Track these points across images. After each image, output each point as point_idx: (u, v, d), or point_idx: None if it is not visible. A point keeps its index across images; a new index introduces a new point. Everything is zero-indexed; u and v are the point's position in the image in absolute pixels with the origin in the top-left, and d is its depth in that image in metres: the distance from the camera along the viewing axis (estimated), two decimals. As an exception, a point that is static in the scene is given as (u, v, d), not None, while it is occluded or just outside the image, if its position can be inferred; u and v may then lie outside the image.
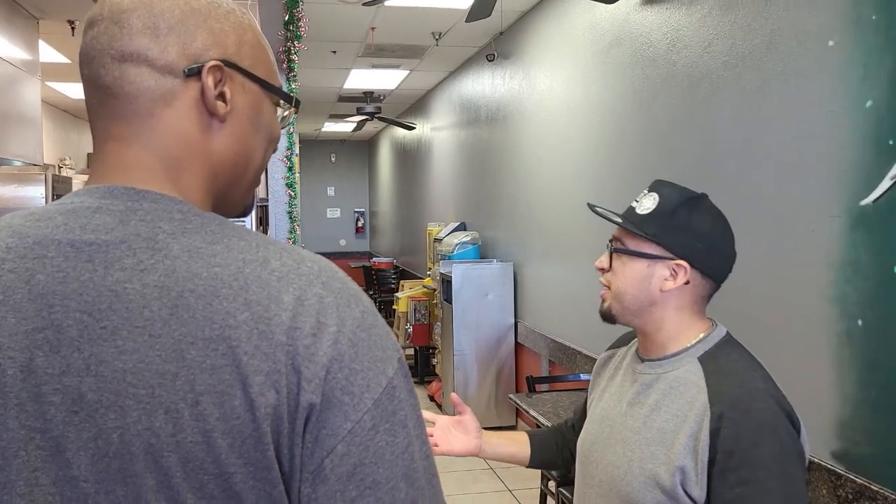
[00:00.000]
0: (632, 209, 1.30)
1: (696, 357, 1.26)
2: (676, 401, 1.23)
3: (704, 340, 1.28)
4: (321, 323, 0.64)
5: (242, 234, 0.68)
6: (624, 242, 1.29)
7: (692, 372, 1.24)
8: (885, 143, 1.97)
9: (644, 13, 3.35)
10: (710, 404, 1.17)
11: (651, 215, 1.26)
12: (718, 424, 1.15)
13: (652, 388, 1.28)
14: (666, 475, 1.18)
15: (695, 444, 1.16)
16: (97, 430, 0.61)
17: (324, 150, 13.09)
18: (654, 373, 1.29)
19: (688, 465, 1.16)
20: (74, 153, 8.68)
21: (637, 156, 3.46)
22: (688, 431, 1.18)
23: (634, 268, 1.27)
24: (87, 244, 0.65)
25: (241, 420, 0.61)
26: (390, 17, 5.02)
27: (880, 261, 2.00)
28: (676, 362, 1.28)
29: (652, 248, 1.26)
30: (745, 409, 1.15)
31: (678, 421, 1.21)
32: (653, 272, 1.26)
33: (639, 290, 1.27)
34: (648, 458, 1.22)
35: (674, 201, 1.26)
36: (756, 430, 1.13)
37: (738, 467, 1.12)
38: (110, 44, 0.70)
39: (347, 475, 0.62)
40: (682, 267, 1.25)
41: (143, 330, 0.62)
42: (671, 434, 1.20)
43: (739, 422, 1.14)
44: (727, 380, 1.20)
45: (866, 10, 2.04)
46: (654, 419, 1.24)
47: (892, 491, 1.95)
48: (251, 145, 0.76)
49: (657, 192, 1.28)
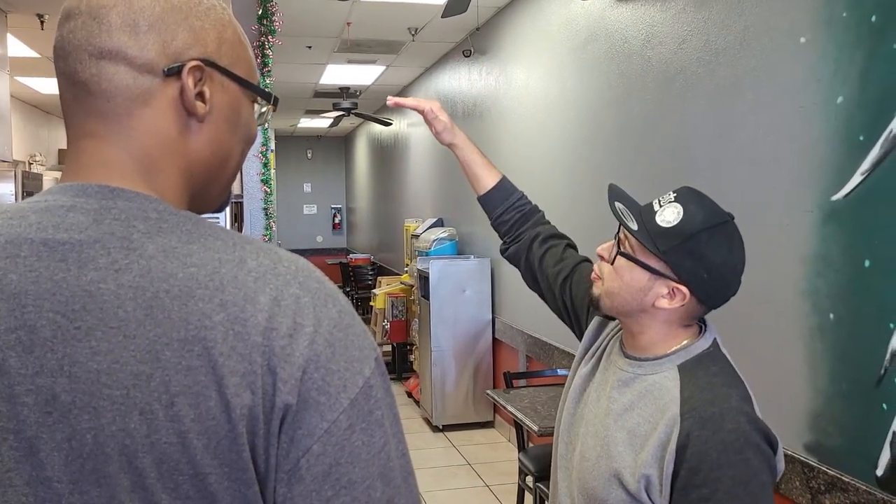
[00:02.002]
0: (651, 214, 1.24)
1: (677, 364, 1.24)
2: (649, 406, 1.22)
3: (688, 349, 1.26)
4: (298, 323, 0.63)
5: (219, 234, 0.68)
6: (633, 248, 1.24)
7: (669, 379, 1.23)
8: (856, 139, 2.00)
9: (619, 9, 3.36)
10: (680, 418, 1.16)
11: (669, 231, 1.20)
12: (686, 441, 1.14)
13: (629, 387, 1.27)
14: (630, 479, 1.18)
15: (662, 454, 1.16)
16: (71, 430, 0.60)
17: (300, 146, 13.01)
18: (633, 372, 1.28)
19: (653, 474, 1.16)
20: (45, 149, 8.55)
21: (612, 151, 3.48)
22: (656, 441, 1.17)
23: (635, 276, 1.24)
24: (60, 243, 0.64)
25: (217, 421, 0.61)
26: (366, 12, 4.99)
27: (851, 255, 2.03)
28: (657, 366, 1.26)
29: (658, 265, 1.22)
30: (714, 428, 1.14)
31: (649, 427, 1.20)
32: (651, 286, 1.23)
33: (632, 298, 1.24)
34: (615, 456, 1.21)
35: (697, 224, 1.19)
36: (722, 452, 1.12)
37: (700, 485, 1.12)
38: (88, 39, 0.68)
39: (323, 475, 0.62)
40: (682, 291, 1.22)
41: (117, 330, 0.61)
42: (641, 438, 1.20)
43: (707, 441, 1.13)
44: (701, 395, 1.18)
45: (837, 8, 2.06)
46: (626, 420, 1.23)
47: (863, 482, 1.99)
48: (228, 145, 0.75)
49: (683, 207, 1.21)
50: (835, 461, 2.10)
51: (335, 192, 13.39)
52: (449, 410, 5.45)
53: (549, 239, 1.62)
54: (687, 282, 1.21)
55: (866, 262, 1.98)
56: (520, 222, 1.66)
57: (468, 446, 5.13)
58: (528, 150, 4.57)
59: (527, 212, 1.67)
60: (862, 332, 2.00)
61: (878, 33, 1.93)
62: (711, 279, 1.21)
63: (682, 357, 1.25)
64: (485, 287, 5.38)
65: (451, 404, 5.45)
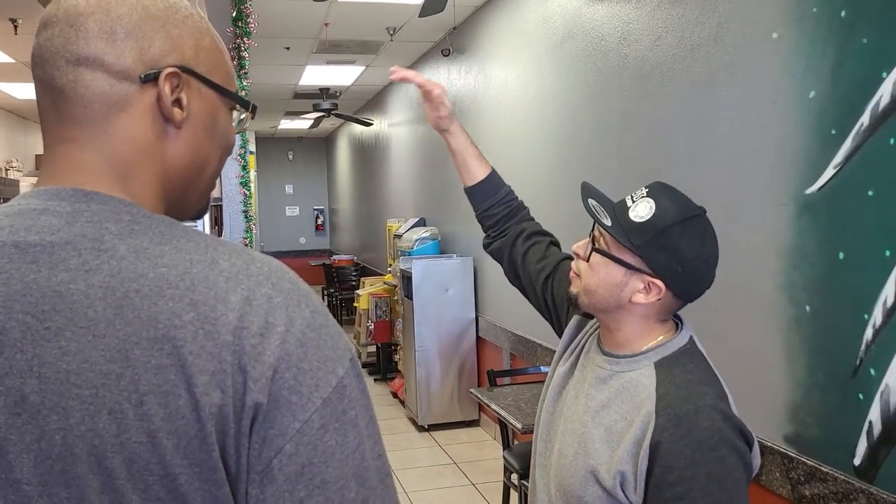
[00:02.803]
0: (624, 210, 1.24)
1: (654, 361, 1.25)
2: (626, 403, 1.22)
3: (665, 346, 1.26)
4: (269, 323, 0.64)
5: (191, 236, 0.68)
6: (608, 244, 1.25)
7: (646, 376, 1.23)
8: (829, 133, 2.02)
9: (595, 7, 3.38)
10: (655, 415, 1.17)
11: (643, 225, 1.21)
12: (660, 438, 1.14)
13: (606, 384, 1.27)
14: (606, 476, 1.19)
15: (637, 450, 1.16)
16: (40, 431, 0.60)
17: (281, 148, 12.96)
18: (611, 370, 1.28)
19: (628, 470, 1.17)
20: (22, 155, 8.47)
21: (591, 147, 3.49)
22: (632, 437, 1.17)
23: (611, 272, 1.24)
24: (31, 245, 0.64)
25: (186, 420, 0.61)
26: (344, 13, 4.99)
27: (826, 247, 2.05)
28: (633, 363, 1.26)
29: (633, 259, 1.22)
30: (688, 426, 1.14)
31: (625, 423, 1.20)
32: (627, 282, 1.23)
33: (609, 294, 1.25)
34: (592, 453, 1.22)
35: (670, 218, 1.20)
36: (696, 450, 1.13)
37: (674, 483, 1.12)
38: (65, 46, 0.69)
39: (296, 475, 0.62)
40: (657, 286, 1.22)
41: (87, 330, 0.61)
42: (617, 435, 1.20)
43: (682, 439, 1.13)
44: (677, 392, 1.19)
45: (808, 4, 2.08)
46: (604, 417, 1.24)
47: (842, 472, 2.01)
48: (206, 151, 0.76)
49: (655, 202, 1.22)
50: (813, 452, 2.12)
51: (317, 194, 13.35)
52: (434, 410, 5.45)
53: (533, 235, 1.63)
54: (662, 276, 1.22)
55: (840, 254, 2.00)
56: (506, 217, 1.66)
57: (454, 445, 5.13)
58: (507, 148, 4.58)
59: (514, 207, 1.67)
60: (838, 323, 2.03)
61: (848, 28, 1.96)
62: (685, 272, 1.22)
63: (659, 354, 1.26)
64: (468, 286, 5.39)
65: (437, 404, 5.45)
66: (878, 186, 1.88)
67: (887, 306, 1.87)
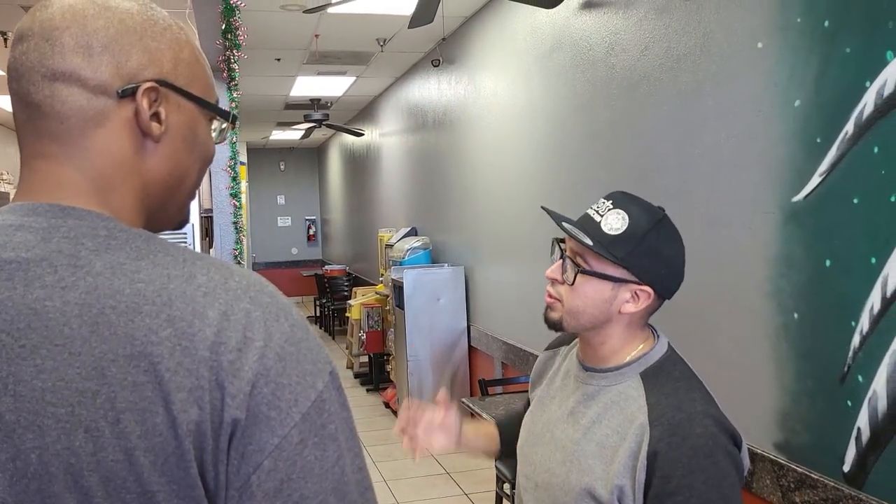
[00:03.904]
0: (596, 225, 1.24)
1: (639, 373, 1.26)
2: (616, 416, 1.23)
3: (647, 355, 1.27)
4: (247, 337, 0.63)
5: (169, 250, 0.68)
6: (588, 262, 1.24)
7: (633, 388, 1.24)
8: (814, 141, 2.03)
9: (583, 18, 3.40)
10: (649, 426, 1.17)
11: (621, 237, 1.21)
12: (657, 448, 1.15)
13: (594, 399, 1.27)
14: (603, 491, 1.18)
15: (633, 463, 1.17)
16: (15, 450, 0.60)
17: (272, 159, 12.95)
18: (597, 385, 1.28)
19: (626, 484, 1.17)
20: (12, 167, 8.43)
21: (580, 157, 3.51)
22: (627, 451, 1.18)
23: (597, 289, 1.23)
24: (6, 262, 0.64)
25: (164, 437, 0.60)
26: (334, 25, 5.00)
27: (813, 255, 2.06)
28: (619, 376, 1.27)
29: (618, 272, 1.22)
30: (683, 434, 1.15)
31: (618, 438, 1.20)
32: (616, 294, 1.23)
33: (599, 311, 1.24)
34: (586, 470, 1.21)
35: (644, 225, 1.22)
36: (693, 457, 1.14)
37: (674, 492, 1.13)
38: (41, 61, 0.68)
39: (275, 491, 0.62)
40: (645, 292, 1.23)
41: (62, 348, 0.61)
42: (610, 450, 1.20)
43: (678, 447, 1.14)
44: (667, 401, 1.20)
45: (792, 14, 2.10)
46: (595, 432, 1.24)
47: (831, 478, 2.01)
48: (185, 164, 0.75)
49: (626, 212, 1.23)
50: (803, 459, 2.13)
51: (309, 204, 13.34)
52: (427, 420, 5.43)
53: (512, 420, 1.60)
54: (649, 281, 1.23)
55: (827, 261, 2.01)
56: None
57: (446, 455, 5.12)
58: (497, 158, 4.59)
59: None
60: (825, 330, 2.03)
61: (831, 38, 1.97)
62: (669, 272, 1.25)
63: (643, 364, 1.26)
64: (459, 295, 5.39)
65: (429, 413, 5.43)
66: (864, 194, 1.89)
67: (874, 313, 1.88)
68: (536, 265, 4.05)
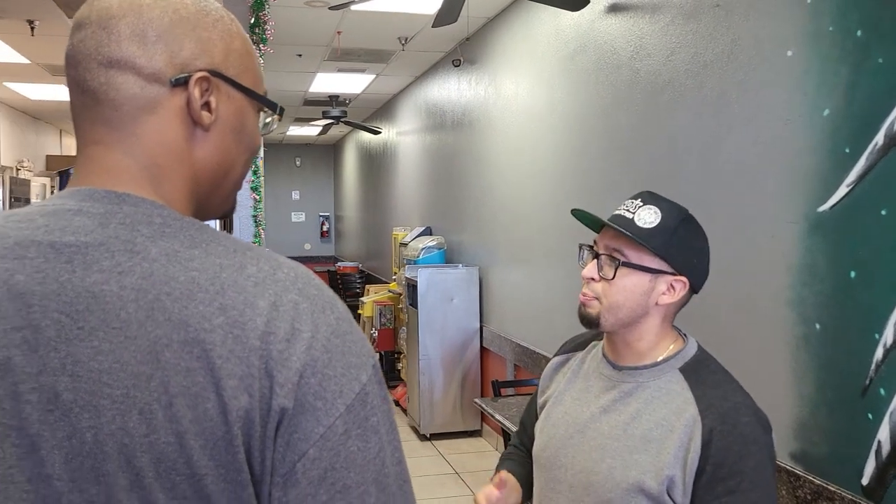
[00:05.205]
0: (629, 221, 1.29)
1: (677, 368, 1.30)
2: (660, 409, 1.26)
3: (683, 352, 1.33)
4: (295, 329, 0.64)
5: (220, 240, 0.69)
6: (626, 255, 1.28)
7: (675, 382, 1.28)
8: (842, 151, 2.02)
9: (608, 21, 3.39)
10: (700, 416, 1.22)
11: (656, 230, 1.27)
12: (710, 437, 1.20)
13: (633, 396, 1.30)
14: (653, 483, 1.22)
15: (685, 454, 1.21)
16: (71, 429, 0.61)
17: (289, 154, 13.00)
18: (635, 381, 1.32)
19: (676, 474, 1.21)
20: (33, 155, 8.51)
21: (600, 161, 3.50)
22: (677, 441, 1.22)
23: (636, 281, 1.29)
24: (66, 246, 0.65)
25: (214, 422, 0.61)
26: (357, 22, 5.01)
27: (837, 265, 2.05)
28: (658, 372, 1.31)
29: (656, 263, 1.28)
30: (733, 422, 1.21)
31: (664, 430, 1.24)
32: (654, 286, 1.29)
33: (637, 304, 1.29)
34: (632, 465, 1.24)
35: (675, 218, 1.29)
36: (743, 444, 1.20)
37: (725, 478, 1.19)
38: (97, 49, 0.69)
39: (318, 479, 0.63)
40: (681, 282, 1.29)
41: (119, 331, 0.62)
42: (657, 442, 1.24)
43: (729, 435, 1.20)
44: (713, 392, 1.25)
45: (823, 22, 2.09)
46: (636, 427, 1.27)
47: (849, 491, 2.00)
48: (233, 154, 0.76)
49: (657, 207, 1.29)
50: (820, 470, 2.12)
51: (323, 200, 13.37)
52: (437, 419, 5.44)
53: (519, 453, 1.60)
54: (684, 271, 1.29)
55: (852, 272, 2.00)
56: None
57: (455, 455, 5.12)
58: (516, 160, 4.59)
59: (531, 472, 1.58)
60: (847, 342, 2.02)
61: (864, 47, 1.96)
62: (699, 263, 1.32)
63: (680, 361, 1.31)
64: (473, 296, 5.39)
65: (439, 413, 5.44)
66: (892, 206, 1.88)
67: (898, 326, 1.86)
68: (552, 268, 4.05)
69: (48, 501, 0.61)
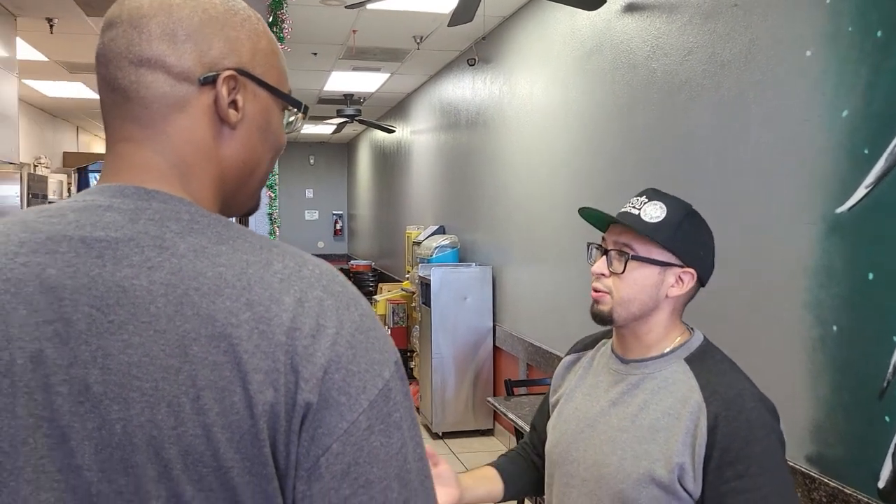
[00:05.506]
0: (635, 217, 1.32)
1: (683, 358, 1.33)
2: (666, 399, 1.29)
3: (688, 343, 1.35)
4: (320, 325, 0.65)
5: (247, 236, 0.70)
6: (635, 249, 1.31)
7: (680, 372, 1.31)
8: (861, 152, 2.01)
9: (625, 20, 3.38)
10: (705, 403, 1.24)
11: (662, 224, 1.30)
12: (715, 423, 1.22)
13: (639, 387, 1.33)
14: (664, 471, 1.23)
15: (692, 441, 1.23)
16: (101, 420, 0.62)
17: (303, 152, 13.04)
18: (641, 373, 1.34)
19: (686, 461, 1.23)
20: (50, 152, 8.58)
21: (616, 161, 3.49)
22: (684, 429, 1.24)
23: (646, 274, 1.31)
24: (97, 241, 0.66)
25: (240, 416, 0.62)
26: (372, 21, 5.02)
27: (854, 267, 2.04)
28: (664, 363, 1.33)
29: (664, 256, 1.31)
30: (738, 408, 1.23)
31: (670, 419, 1.26)
32: (663, 279, 1.32)
33: (648, 297, 1.32)
34: (642, 455, 1.26)
35: (680, 213, 1.32)
36: (749, 429, 1.21)
37: (734, 462, 1.20)
38: (128, 48, 0.71)
39: (342, 473, 0.64)
40: (689, 274, 1.32)
41: (148, 325, 0.63)
42: (665, 431, 1.26)
43: (735, 420, 1.22)
44: (719, 380, 1.27)
45: (842, 22, 2.08)
46: (644, 417, 1.29)
47: (865, 494, 1.99)
48: (259, 152, 0.78)
49: (662, 202, 1.32)
50: (836, 473, 2.10)
51: (337, 199, 13.41)
52: (449, 418, 5.45)
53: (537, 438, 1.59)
54: (691, 263, 1.32)
55: (870, 274, 1.99)
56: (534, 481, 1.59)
57: (467, 453, 5.13)
58: (530, 159, 4.59)
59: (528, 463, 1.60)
60: (865, 344, 2.01)
61: (883, 48, 1.95)
62: (705, 255, 1.35)
63: (685, 351, 1.34)
64: (486, 295, 5.39)
65: (451, 412, 5.45)
66: (910, 208, 1.87)
67: (916, 328, 1.85)
68: (565, 268, 4.04)
69: (78, 492, 0.62)
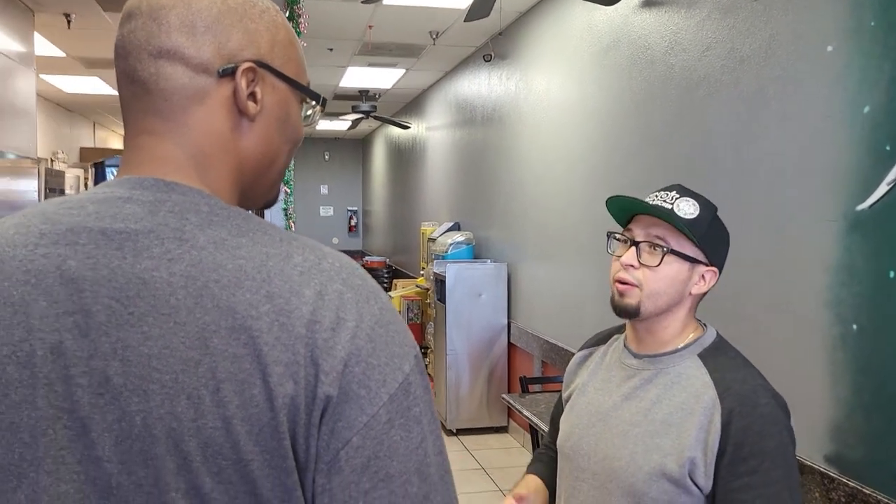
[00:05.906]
0: (669, 211, 1.30)
1: (696, 354, 1.33)
2: (679, 394, 1.29)
3: (701, 339, 1.36)
4: (340, 318, 0.65)
5: (266, 229, 0.70)
6: (669, 243, 1.30)
7: (694, 367, 1.31)
8: (883, 149, 1.98)
9: (643, 15, 3.36)
10: (719, 399, 1.24)
11: (696, 221, 1.30)
12: (729, 419, 1.22)
13: (652, 383, 1.33)
14: (675, 465, 1.23)
15: (705, 436, 1.23)
16: (121, 412, 0.62)
17: (318, 148, 13.07)
18: (655, 368, 1.34)
19: (697, 456, 1.23)
20: (67, 147, 8.64)
21: (633, 157, 3.47)
22: (697, 424, 1.24)
23: (678, 269, 1.31)
24: (117, 232, 0.66)
25: (260, 408, 0.62)
26: (388, 16, 5.02)
27: (876, 265, 2.01)
28: (678, 358, 1.33)
29: (694, 252, 1.31)
30: (752, 404, 1.23)
31: (683, 413, 1.26)
32: (691, 275, 1.32)
33: (676, 291, 1.32)
34: (654, 449, 1.26)
35: (711, 211, 1.33)
36: (762, 424, 1.22)
37: (747, 458, 1.21)
38: (147, 40, 0.71)
39: (362, 467, 0.64)
40: (712, 272, 1.33)
41: (168, 317, 0.63)
42: (677, 426, 1.26)
43: (748, 416, 1.22)
44: (732, 376, 1.27)
45: (865, 17, 2.05)
46: (656, 412, 1.29)
47: (885, 494, 1.97)
48: (277, 144, 0.77)
49: (694, 199, 1.32)
50: (855, 473, 2.08)
51: (352, 195, 13.43)
52: (463, 414, 5.45)
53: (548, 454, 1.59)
54: (717, 262, 1.34)
55: (891, 272, 1.96)
56: None
57: (482, 451, 5.13)
58: (547, 155, 4.57)
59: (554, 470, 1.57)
60: (886, 343, 1.99)
61: (907, 43, 1.92)
62: (725, 253, 1.37)
63: (698, 347, 1.34)
64: (501, 291, 5.38)
65: (466, 408, 5.45)
66: (934, 205, 1.84)
67: (939, 327, 1.83)
68: (581, 265, 4.03)
69: (98, 483, 0.62)
